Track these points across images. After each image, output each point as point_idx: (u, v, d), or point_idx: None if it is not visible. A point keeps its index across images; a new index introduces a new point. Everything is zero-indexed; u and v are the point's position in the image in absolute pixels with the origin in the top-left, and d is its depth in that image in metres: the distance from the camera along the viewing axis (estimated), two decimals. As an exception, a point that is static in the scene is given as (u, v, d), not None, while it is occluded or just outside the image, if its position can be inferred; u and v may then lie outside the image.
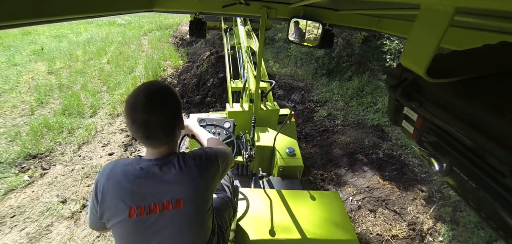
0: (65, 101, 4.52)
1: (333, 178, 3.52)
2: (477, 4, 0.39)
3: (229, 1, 1.65)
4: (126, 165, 0.81)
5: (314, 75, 6.55)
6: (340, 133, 4.55)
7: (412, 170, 3.67)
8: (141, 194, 0.78)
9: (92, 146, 3.67)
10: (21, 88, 4.99)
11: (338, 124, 4.80)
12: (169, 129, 0.81)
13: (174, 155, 0.85)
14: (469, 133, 0.40)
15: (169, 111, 0.79)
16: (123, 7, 1.23)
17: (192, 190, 0.82)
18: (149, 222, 0.78)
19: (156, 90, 0.77)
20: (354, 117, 4.95)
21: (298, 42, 2.06)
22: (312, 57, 6.64)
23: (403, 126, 0.60)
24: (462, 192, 0.45)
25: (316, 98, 5.66)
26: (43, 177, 3.10)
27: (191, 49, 8.02)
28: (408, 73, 0.53)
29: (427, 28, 0.43)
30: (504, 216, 0.36)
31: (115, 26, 10.43)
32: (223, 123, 1.84)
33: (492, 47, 0.47)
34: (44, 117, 4.04)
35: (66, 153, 3.46)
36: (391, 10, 1.08)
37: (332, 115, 5.02)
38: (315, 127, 4.71)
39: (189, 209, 0.82)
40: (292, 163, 1.98)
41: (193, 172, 0.83)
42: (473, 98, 0.42)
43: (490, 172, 0.37)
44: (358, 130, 4.61)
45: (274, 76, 6.75)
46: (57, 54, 6.72)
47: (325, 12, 1.74)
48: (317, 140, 4.35)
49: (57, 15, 0.79)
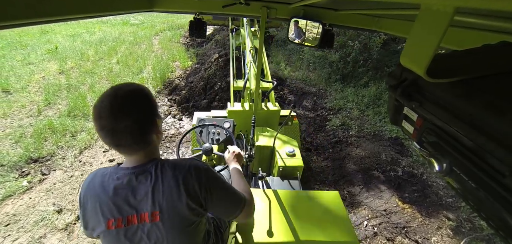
0: (71, 102, 4.48)
1: (346, 197, 3.20)
2: (477, 4, 0.39)
3: (229, 1, 1.63)
4: (104, 175, 0.78)
5: (327, 80, 6.20)
6: (354, 145, 4.20)
7: (436, 192, 3.28)
8: (118, 206, 0.75)
9: (93, 151, 3.57)
10: (32, 87, 5.03)
11: (352, 135, 4.45)
12: (140, 136, 0.75)
13: (152, 163, 0.79)
14: (469, 133, 0.40)
15: (138, 117, 0.72)
16: (123, 7, 1.21)
17: (168, 203, 0.76)
18: (129, 234, 0.76)
19: (123, 95, 0.71)
20: (370, 128, 4.57)
21: (298, 42, 2.04)
22: (326, 61, 6.28)
23: (403, 126, 0.59)
24: (462, 192, 0.44)
25: (329, 105, 5.32)
26: (42, 183, 3.02)
27: (200, 50, 7.89)
28: (408, 73, 0.53)
29: (427, 28, 0.43)
30: (504, 216, 0.36)
31: (128, 25, 10.54)
32: (223, 123, 1.78)
33: (492, 47, 0.47)
34: (49, 119, 4.00)
35: (67, 158, 3.38)
36: (391, 10, 1.07)
37: (346, 124, 4.67)
38: (327, 138, 4.39)
39: (166, 223, 0.76)
40: (292, 163, 1.95)
41: (170, 183, 0.76)
42: (473, 98, 0.41)
43: (490, 172, 0.37)
44: (374, 143, 4.24)
45: (285, 80, 6.46)
46: (69, 54, 6.80)
47: (325, 12, 1.73)
48: (329, 152, 4.03)
49: (57, 15, 0.79)
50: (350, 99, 5.38)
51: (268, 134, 2.30)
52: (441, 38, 0.39)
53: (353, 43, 5.66)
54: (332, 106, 5.26)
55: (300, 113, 5.11)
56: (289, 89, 6.01)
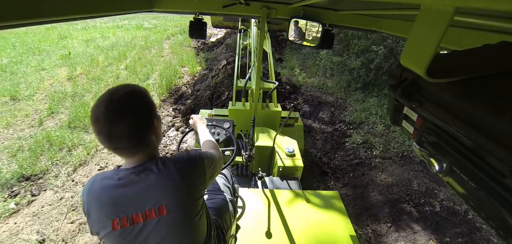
0: (73, 112, 4.31)
1: (369, 238, 2.66)
2: (477, 4, 0.39)
3: (229, 1, 1.63)
4: (104, 178, 0.77)
5: (346, 88, 5.59)
6: (379, 169, 3.61)
7: (487, 238, 2.63)
8: (122, 206, 0.74)
9: (88, 168, 3.32)
10: (39, 95, 4.96)
11: (376, 155, 3.85)
12: (137, 139, 0.74)
13: (152, 161, 0.78)
14: (469, 133, 0.40)
15: (135, 120, 0.71)
16: (123, 7, 1.22)
17: (174, 196, 0.76)
18: (135, 233, 0.75)
19: (119, 99, 0.69)
20: (397, 148, 3.94)
21: (298, 42, 2.04)
22: (345, 67, 5.67)
23: (403, 126, 0.59)
24: (462, 193, 0.44)
25: (349, 118, 4.73)
26: (30, 205, 2.79)
27: (211, 54, 7.59)
28: (408, 73, 0.53)
29: (427, 28, 0.43)
30: (504, 216, 0.36)
31: (142, 30, 10.54)
32: (222, 123, 1.83)
33: (492, 47, 0.48)
34: (48, 131, 3.83)
35: (60, 176, 3.14)
36: (391, 10, 1.08)
37: (368, 142, 4.08)
38: (347, 158, 3.83)
39: (174, 216, 0.76)
40: (292, 163, 1.94)
41: (174, 176, 0.76)
42: (473, 98, 0.41)
43: (490, 172, 0.37)
44: (403, 167, 3.62)
45: (300, 87, 5.95)
46: (80, 60, 6.78)
47: (325, 12, 1.73)
48: (349, 177, 3.48)
49: (57, 15, 0.79)
50: (373, 112, 4.75)
51: (268, 134, 2.25)
52: (441, 38, 0.39)
53: (377, 48, 5.02)
54: (352, 120, 4.67)
55: (315, 126, 4.58)
56: (303, 97, 5.49)
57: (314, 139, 4.26)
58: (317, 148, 4.05)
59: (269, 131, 2.34)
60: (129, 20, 12.30)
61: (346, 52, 5.69)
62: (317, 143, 4.16)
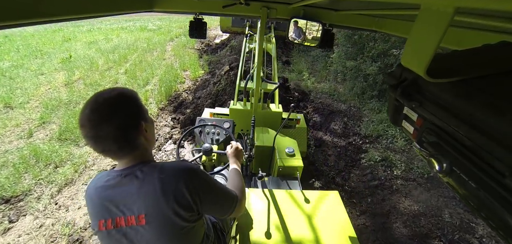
0: (65, 123, 4.02)
1: (395, 284, 2.21)
2: (477, 4, 0.40)
3: (229, 1, 1.64)
4: (99, 178, 0.79)
5: (360, 96, 5.10)
6: (401, 193, 3.14)
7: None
8: (107, 207, 0.74)
9: (74, 189, 3.00)
10: (33, 102, 4.72)
11: (397, 176, 3.38)
12: (125, 142, 0.73)
13: (141, 165, 0.76)
14: (469, 133, 0.40)
15: (121, 122, 0.70)
16: (123, 7, 1.22)
17: (153, 207, 0.72)
18: (119, 236, 0.74)
19: (103, 101, 0.68)
20: (421, 167, 3.45)
21: (298, 42, 2.07)
22: (360, 72, 5.17)
23: (403, 126, 0.59)
24: (462, 193, 0.44)
25: (365, 130, 4.25)
26: (6, 233, 2.49)
27: (214, 57, 7.23)
28: (408, 73, 0.53)
29: (427, 28, 0.43)
30: (504, 216, 0.36)
31: (146, 31, 10.31)
32: (222, 123, 1.82)
33: (492, 47, 0.48)
34: (36, 145, 3.54)
35: (43, 198, 2.83)
36: (391, 10, 1.08)
37: (388, 160, 3.60)
38: (364, 179, 3.37)
39: (154, 227, 0.72)
40: (292, 163, 1.93)
41: (155, 186, 0.72)
42: (473, 98, 0.41)
43: (490, 172, 0.37)
44: (430, 192, 3.13)
45: (309, 93, 5.50)
46: (80, 63, 6.55)
47: (325, 12, 1.75)
48: (367, 202, 3.02)
49: (57, 15, 0.80)
50: (391, 124, 4.25)
51: (268, 134, 2.24)
52: (441, 38, 0.39)
53: (398, 52, 4.51)
54: (368, 133, 4.19)
55: (327, 140, 4.13)
56: (313, 105, 5.04)
57: (325, 154, 3.82)
58: (330, 165, 3.60)
59: (269, 131, 2.31)
60: (134, 22, 12.12)
61: (360, 56, 5.19)
62: (329, 160, 3.72)
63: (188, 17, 1.93)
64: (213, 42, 8.43)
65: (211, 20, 10.39)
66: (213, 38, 8.93)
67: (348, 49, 5.49)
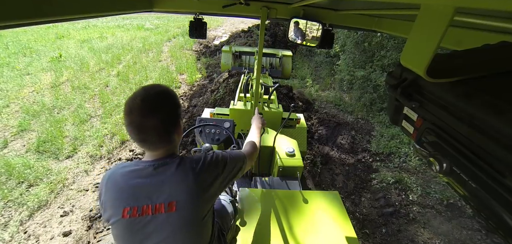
0: (45, 132, 3.64)
1: None
2: (477, 4, 0.40)
3: (229, 1, 1.64)
4: (125, 166, 0.82)
5: (369, 107, 4.76)
6: (419, 223, 2.79)
7: None
8: (134, 195, 0.77)
9: (48, 213, 2.62)
10: (13, 106, 4.32)
11: (413, 201, 3.04)
12: (164, 134, 0.79)
13: (172, 157, 0.82)
14: (469, 133, 0.40)
15: (165, 116, 0.77)
16: (123, 7, 1.22)
17: (185, 195, 0.78)
18: (142, 224, 0.76)
19: (154, 94, 0.76)
20: (440, 192, 3.11)
21: (298, 42, 2.06)
22: (369, 82, 4.81)
23: (403, 126, 0.60)
24: (462, 193, 0.44)
25: (375, 147, 3.91)
26: (-38, 270, 2.10)
27: (212, 60, 6.87)
28: (408, 73, 0.53)
29: (427, 28, 0.43)
30: (504, 216, 0.36)
31: (142, 30, 9.90)
32: (222, 123, 1.85)
33: (492, 47, 0.48)
34: (8, 158, 3.15)
35: (10, 225, 2.45)
36: (391, 10, 1.09)
37: (402, 182, 3.26)
38: (376, 204, 3.02)
39: (182, 214, 0.77)
40: (292, 163, 1.90)
41: (188, 176, 0.79)
42: (473, 98, 0.41)
43: (490, 172, 0.37)
44: (451, 222, 2.80)
45: (313, 102, 5.15)
46: (70, 63, 6.15)
47: (325, 12, 1.75)
48: (382, 233, 2.68)
49: (57, 15, 0.80)
50: (404, 140, 3.92)
51: (268, 134, 2.22)
52: (441, 38, 0.40)
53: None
54: (379, 150, 3.85)
55: (334, 156, 3.79)
56: (318, 116, 4.69)
57: (333, 173, 3.47)
58: (338, 187, 3.26)
59: (270, 131, 2.28)
60: (131, 20, 11.70)
61: (369, 64, 4.85)
62: (336, 180, 3.37)
63: (187, 17, 1.59)
64: (212, 44, 8.05)
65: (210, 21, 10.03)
66: (212, 39, 8.55)
67: (356, 56, 5.15)
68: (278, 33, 7.66)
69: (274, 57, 3.83)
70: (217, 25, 10.27)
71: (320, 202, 1.52)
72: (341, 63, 5.51)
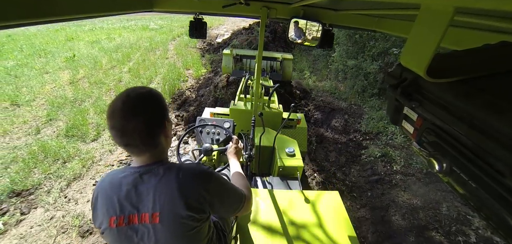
0: (71, 120, 4.11)
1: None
2: (477, 4, 0.39)
3: (229, 1, 1.64)
4: (114, 174, 0.80)
5: (361, 94, 5.19)
6: (400, 187, 3.22)
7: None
8: (120, 204, 0.75)
9: (83, 183, 3.09)
10: (39, 100, 4.81)
11: (397, 171, 3.47)
12: (148, 138, 0.75)
13: (158, 164, 0.78)
14: (469, 133, 0.40)
15: (148, 118, 0.73)
16: (123, 7, 1.23)
17: (169, 206, 0.74)
18: (129, 233, 0.75)
19: (136, 96, 0.73)
20: (420, 163, 3.54)
21: (298, 42, 2.08)
22: (360, 71, 5.25)
23: (403, 126, 0.60)
24: (462, 192, 0.44)
25: (365, 127, 4.34)
26: (19, 225, 2.57)
27: (216, 56, 7.31)
28: (408, 72, 0.53)
29: (427, 28, 0.43)
30: (504, 216, 0.36)
31: (148, 30, 10.40)
32: (222, 123, 1.81)
33: (492, 47, 0.48)
34: (43, 141, 3.63)
35: (52, 192, 2.92)
36: (391, 10, 1.08)
37: (387, 156, 3.69)
38: (364, 174, 3.46)
39: (166, 227, 0.74)
40: (292, 163, 1.93)
41: (172, 186, 0.75)
42: (473, 98, 0.41)
43: (490, 172, 0.37)
44: (428, 186, 3.22)
45: (310, 92, 5.59)
46: (84, 62, 6.64)
47: (325, 12, 1.74)
48: (367, 196, 3.11)
49: (57, 15, 0.80)
50: (391, 121, 4.34)
51: (268, 134, 2.23)
52: (441, 38, 0.39)
53: (398, 51, 4.60)
54: (368, 129, 4.28)
55: (328, 136, 4.22)
56: (314, 103, 5.13)
57: (327, 150, 3.90)
58: (331, 161, 3.69)
59: (270, 131, 2.30)
60: (136, 21, 12.20)
61: (361, 55, 5.27)
62: (330, 156, 3.81)
63: (189, 17, 1.96)
64: (214, 42, 8.50)
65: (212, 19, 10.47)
66: (215, 38, 9.01)
67: (349, 48, 5.58)
68: (277, 30, 8.08)
69: (275, 61, 3.86)
70: (219, 23, 10.73)
71: (320, 202, 1.52)
72: (336, 55, 5.95)
